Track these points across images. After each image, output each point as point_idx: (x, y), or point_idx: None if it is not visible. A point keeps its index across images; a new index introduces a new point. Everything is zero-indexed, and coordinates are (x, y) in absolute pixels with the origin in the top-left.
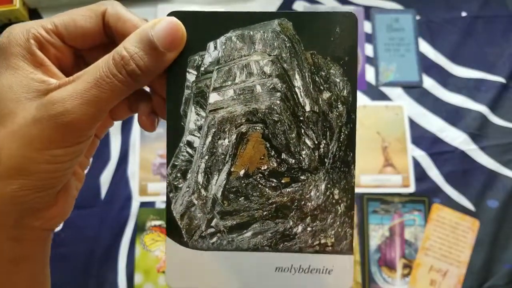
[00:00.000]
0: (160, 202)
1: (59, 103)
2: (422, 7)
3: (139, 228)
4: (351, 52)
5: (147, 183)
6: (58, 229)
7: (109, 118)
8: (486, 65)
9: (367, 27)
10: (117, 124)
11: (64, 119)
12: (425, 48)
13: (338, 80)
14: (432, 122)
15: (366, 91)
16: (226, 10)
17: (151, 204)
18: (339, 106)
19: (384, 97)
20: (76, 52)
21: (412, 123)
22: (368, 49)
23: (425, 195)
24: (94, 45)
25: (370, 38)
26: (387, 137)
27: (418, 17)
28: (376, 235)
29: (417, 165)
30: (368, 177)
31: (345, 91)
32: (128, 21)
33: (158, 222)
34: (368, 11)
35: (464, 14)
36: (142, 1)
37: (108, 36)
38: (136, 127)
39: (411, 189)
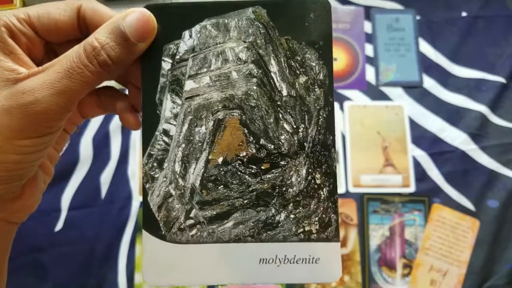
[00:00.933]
0: None
1: (29, 93)
2: (422, 7)
3: (139, 228)
4: (326, 37)
5: None
6: (58, 228)
7: (78, 115)
8: (486, 65)
9: (367, 27)
10: (117, 124)
11: (33, 108)
12: (425, 48)
13: (314, 64)
14: (432, 122)
15: (366, 91)
16: (200, 0)
17: None
18: (316, 89)
19: (384, 97)
20: (47, 45)
21: (412, 123)
22: (368, 49)
23: (425, 195)
24: (67, 39)
25: (370, 38)
26: (387, 137)
27: (418, 17)
28: (376, 235)
29: (417, 165)
30: (368, 177)
31: (321, 75)
32: (105, 15)
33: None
34: (368, 11)
35: (464, 14)
36: (142, 2)
37: (81, 31)
38: None
39: (411, 189)
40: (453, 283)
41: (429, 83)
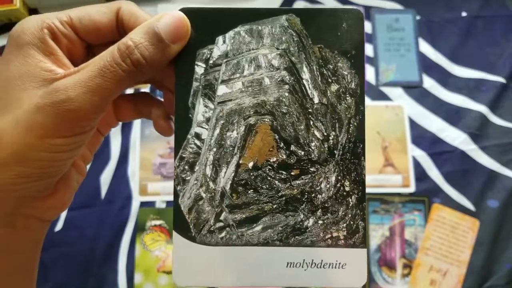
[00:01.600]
0: (160, 202)
1: (62, 91)
2: (422, 7)
3: (139, 228)
4: (358, 46)
5: (147, 183)
6: (58, 228)
7: (114, 117)
8: (486, 65)
9: (367, 27)
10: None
11: (66, 106)
12: (425, 48)
13: (346, 73)
14: (432, 122)
15: (366, 91)
16: (235, 7)
17: (151, 203)
18: (347, 98)
19: (384, 97)
20: (88, 47)
21: (412, 123)
22: (368, 49)
23: (425, 195)
24: (106, 41)
25: (370, 38)
26: (387, 137)
27: (418, 17)
28: (376, 235)
29: (417, 165)
30: (368, 177)
31: (353, 84)
32: (140, 18)
33: (158, 222)
34: (368, 11)
35: (464, 14)
36: (142, 1)
37: (120, 34)
38: (136, 127)
39: (411, 189)
40: (453, 283)
41: (429, 83)
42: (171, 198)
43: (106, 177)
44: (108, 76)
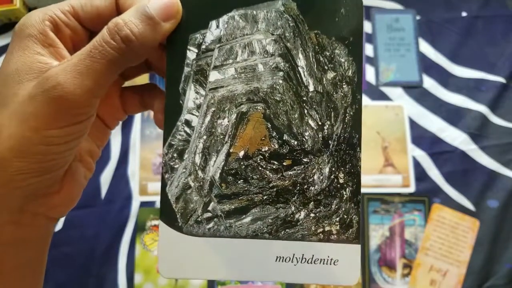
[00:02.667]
0: None
1: (53, 78)
2: (422, 7)
3: (139, 228)
4: (357, 33)
5: (147, 183)
6: (58, 228)
7: (121, 110)
8: (486, 65)
9: (367, 27)
10: None
11: (56, 92)
12: (425, 48)
13: (343, 60)
14: (432, 122)
15: (366, 91)
16: None
17: (151, 203)
18: (344, 86)
19: (384, 97)
20: (91, 36)
21: (412, 123)
22: (368, 49)
23: (425, 195)
24: None
25: (370, 38)
26: (387, 137)
27: (418, 17)
28: (376, 235)
29: (417, 165)
30: (368, 177)
31: (350, 71)
32: (136, 1)
33: (158, 222)
34: (368, 11)
35: (464, 14)
36: None
37: None
38: (136, 127)
39: (411, 189)
40: (453, 283)
41: (429, 83)
42: None
43: (106, 177)
44: (97, 56)
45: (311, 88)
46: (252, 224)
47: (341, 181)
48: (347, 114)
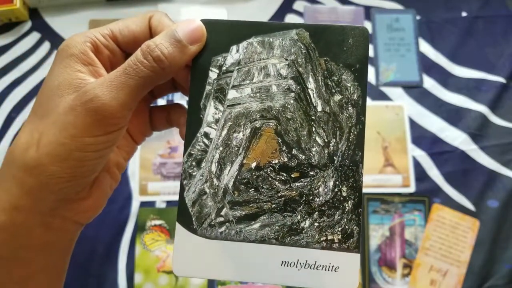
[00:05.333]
0: (160, 201)
1: (90, 91)
2: (422, 7)
3: (139, 228)
4: (362, 61)
5: (147, 183)
6: None
7: (148, 127)
8: (486, 65)
9: (367, 27)
10: None
11: (94, 104)
12: (425, 48)
13: (349, 85)
14: (432, 122)
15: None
16: (250, 20)
17: (151, 203)
18: (349, 108)
19: (384, 97)
20: (127, 57)
21: (412, 123)
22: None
23: (425, 195)
24: None
25: (370, 38)
26: (387, 137)
27: (418, 17)
28: (376, 235)
29: (417, 165)
30: (368, 177)
31: (355, 95)
32: (166, 25)
33: (158, 222)
34: (368, 11)
35: (464, 14)
36: (142, 1)
37: None
38: None
39: (411, 189)
40: (453, 283)
41: (429, 83)
42: (171, 198)
43: None
44: (131, 73)
45: (319, 108)
46: (260, 230)
47: (344, 194)
48: (351, 133)
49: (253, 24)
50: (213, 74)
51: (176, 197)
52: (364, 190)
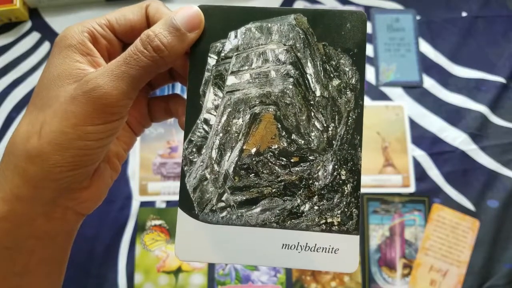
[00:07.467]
0: (160, 201)
1: (92, 81)
2: (422, 7)
3: (139, 228)
4: (360, 45)
5: (147, 183)
6: None
7: (147, 118)
8: (486, 65)
9: (367, 27)
10: None
11: (95, 93)
12: (425, 48)
13: (347, 69)
14: (432, 122)
15: (366, 91)
16: (248, 6)
17: (151, 203)
18: (347, 92)
19: (384, 97)
20: (124, 47)
21: (412, 123)
22: (369, 49)
23: (425, 195)
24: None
25: (370, 38)
26: (387, 137)
27: (418, 17)
28: (376, 235)
29: (417, 165)
30: (368, 177)
31: (353, 79)
32: (164, 13)
33: (158, 222)
34: (368, 11)
35: (464, 14)
36: (142, 1)
37: None
38: None
39: (411, 189)
40: (453, 283)
41: (429, 83)
42: (171, 198)
43: None
44: (132, 63)
45: (318, 93)
46: (261, 214)
47: (343, 177)
48: (350, 118)
49: (251, 10)
50: (211, 60)
51: (176, 197)
52: (364, 190)
